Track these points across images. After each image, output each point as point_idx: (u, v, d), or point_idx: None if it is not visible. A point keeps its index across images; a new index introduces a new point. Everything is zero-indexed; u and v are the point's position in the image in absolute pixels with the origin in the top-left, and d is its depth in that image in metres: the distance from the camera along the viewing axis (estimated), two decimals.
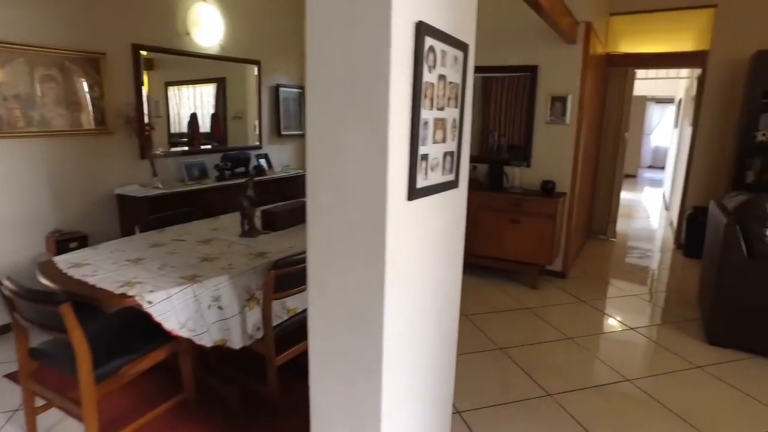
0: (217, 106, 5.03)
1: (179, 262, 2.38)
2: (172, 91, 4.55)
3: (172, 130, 4.54)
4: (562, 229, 4.45)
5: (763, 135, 4.98)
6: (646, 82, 11.07)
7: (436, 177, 1.50)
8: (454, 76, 1.52)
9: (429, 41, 1.33)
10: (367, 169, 1.28)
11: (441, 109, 1.47)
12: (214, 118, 5.04)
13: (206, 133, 4.99)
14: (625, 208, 8.47)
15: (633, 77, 5.81)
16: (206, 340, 2.18)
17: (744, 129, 4.96)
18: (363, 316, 1.39)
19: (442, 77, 1.44)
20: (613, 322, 3.69)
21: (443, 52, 1.43)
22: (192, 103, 4.87)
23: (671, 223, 7.02)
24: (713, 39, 5.33)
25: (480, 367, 2.95)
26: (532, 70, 4.43)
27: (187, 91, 4.78)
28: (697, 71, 5.85)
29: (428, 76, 1.36)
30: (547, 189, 4.27)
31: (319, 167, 1.38)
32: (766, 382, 2.85)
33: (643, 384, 2.81)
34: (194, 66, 4.64)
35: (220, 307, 2.24)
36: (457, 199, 1.76)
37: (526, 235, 4.18)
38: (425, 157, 1.41)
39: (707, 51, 5.39)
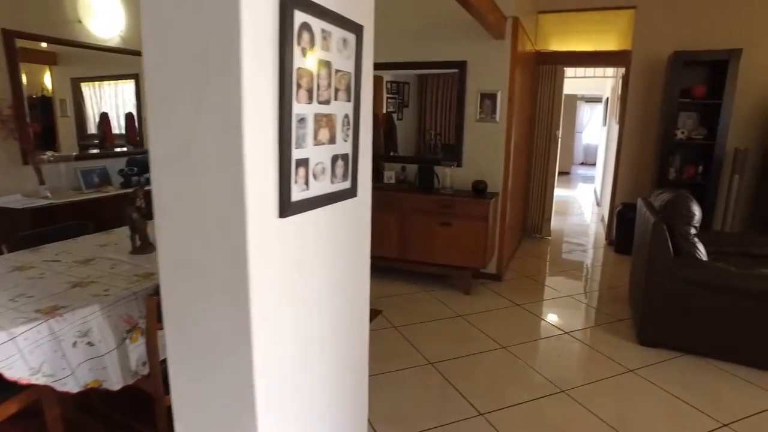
0: (138, 105, 4.57)
1: (41, 291, 1.99)
2: (87, 89, 4.08)
3: (89, 131, 4.10)
4: (495, 231, 4.32)
5: (682, 133, 5.07)
6: (576, 81, 11.35)
7: (322, 186, 1.23)
8: (343, 63, 1.26)
9: (301, 17, 1.05)
10: (221, 181, 0.99)
11: (325, 102, 1.20)
12: (129, 118, 4.56)
13: (120, 135, 4.52)
14: (559, 205, 8.57)
15: (562, 75, 5.80)
16: (71, 385, 1.81)
17: (665, 127, 5.03)
18: (228, 355, 1.11)
19: (325, 64, 1.18)
20: (547, 327, 3.56)
21: (325, 33, 1.16)
22: (113, 102, 4.40)
23: (602, 219, 7.13)
24: (634, 39, 5.39)
25: (408, 387, 2.72)
26: (460, 66, 4.27)
27: (107, 88, 4.31)
28: (622, 70, 5.93)
29: (302, 62, 1.08)
30: (479, 189, 4.12)
31: (164, 177, 1.07)
32: (695, 383, 2.78)
33: (578, 394, 2.67)
34: (107, 61, 4.17)
35: (90, 343, 1.87)
36: (357, 209, 1.50)
37: (458, 239, 4.01)
38: (304, 162, 1.14)
39: (630, 51, 5.46)
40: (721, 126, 4.84)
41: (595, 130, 14.57)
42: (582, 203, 9.13)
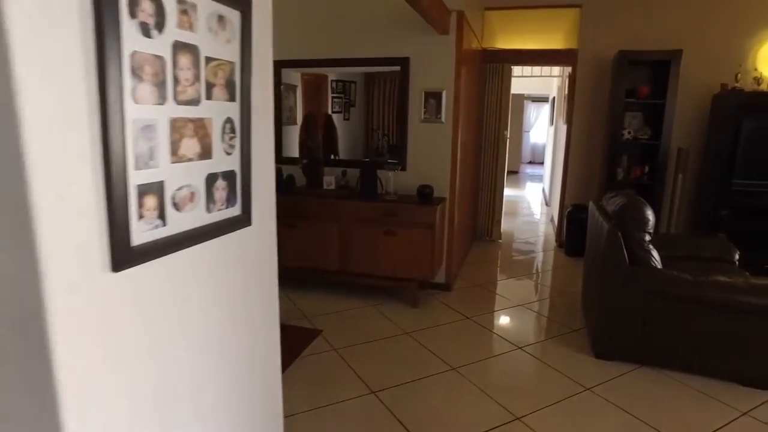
0: None
1: None
2: None
3: None
4: (443, 238, 4.07)
5: (629, 133, 5.01)
6: (523, 81, 11.38)
7: (189, 218, 0.89)
8: (219, 49, 0.93)
9: None
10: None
11: (191, 102, 0.87)
12: None
13: None
14: (509, 205, 8.49)
15: (510, 74, 5.64)
16: None
17: (612, 127, 4.95)
18: None
19: (187, 48, 0.84)
20: (499, 342, 3.33)
21: (185, 4, 0.83)
22: None
23: (552, 219, 7.06)
24: (580, 38, 5.30)
25: (346, 426, 2.40)
26: (403, 63, 3.99)
27: None
28: (569, 70, 5.85)
29: (143, 43, 0.75)
30: (425, 195, 3.85)
31: None
32: (656, 400, 2.61)
33: (533, 421, 2.43)
34: None
35: None
36: (253, 240, 1.16)
37: (404, 249, 3.73)
38: (153, 188, 0.80)
39: (576, 50, 5.36)
40: (665, 126, 4.80)
41: (542, 130, 14.75)
42: (531, 203, 9.11)
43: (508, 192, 10.03)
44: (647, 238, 2.84)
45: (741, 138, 4.62)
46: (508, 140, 5.82)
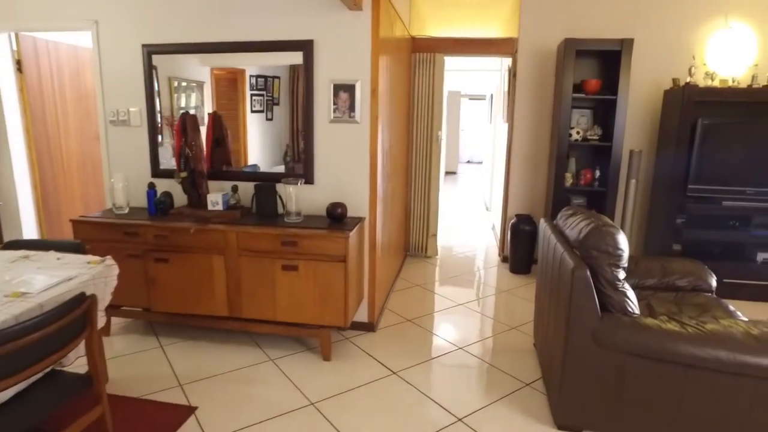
0: None
1: None
2: None
3: None
4: (361, 270, 3.24)
5: (578, 133, 4.39)
6: (460, 79, 10.79)
7: None
8: None
9: None
10: None
11: None
12: None
13: None
14: (447, 211, 7.83)
15: (442, 65, 4.90)
16: None
17: (559, 126, 4.31)
18: None
19: None
20: (434, 413, 2.54)
21: None
22: None
23: (494, 228, 6.43)
24: (521, 25, 4.64)
25: None
26: (305, 48, 3.12)
27: None
28: (508, 63, 5.18)
29: None
30: (336, 216, 3.01)
31: None
32: None
33: None
34: None
35: None
36: None
37: (308, 288, 2.86)
38: None
39: (516, 39, 4.70)
40: (617, 125, 4.21)
41: (480, 128, 14.30)
42: (471, 207, 8.48)
43: (446, 195, 9.42)
44: (622, 275, 2.13)
45: (696, 139, 4.10)
46: (442, 141, 5.07)
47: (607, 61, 4.31)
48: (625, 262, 2.13)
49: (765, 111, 4.21)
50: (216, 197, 3.13)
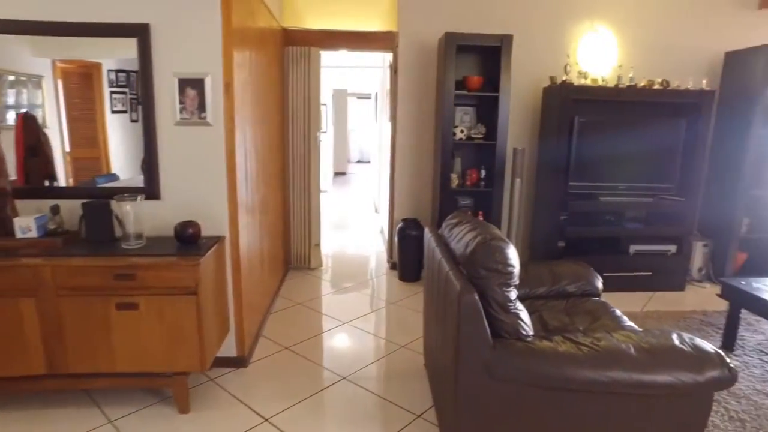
0: None
1: None
2: None
3: None
4: (224, 297, 2.75)
5: (462, 132, 4.23)
6: (346, 77, 10.47)
7: None
8: None
9: None
10: None
11: None
12: None
13: None
14: (335, 214, 7.46)
15: (318, 60, 4.50)
16: None
17: (442, 125, 4.12)
18: None
19: None
20: None
21: None
22: None
23: (382, 232, 6.17)
24: (400, 18, 4.38)
25: None
26: (140, 34, 2.54)
27: None
28: (391, 59, 4.92)
29: None
30: (187, 237, 2.49)
31: None
32: None
33: None
34: None
35: None
36: None
37: (152, 329, 2.31)
38: None
39: (396, 32, 4.44)
40: (500, 123, 4.11)
41: (369, 127, 14.15)
42: (361, 210, 8.19)
43: (335, 198, 9.06)
44: (513, 294, 1.88)
45: (574, 136, 4.12)
46: (321, 143, 4.67)
47: (489, 57, 4.19)
48: (516, 279, 1.89)
49: (630, 109, 4.35)
50: (26, 221, 2.45)
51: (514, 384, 1.81)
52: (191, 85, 2.57)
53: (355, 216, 7.70)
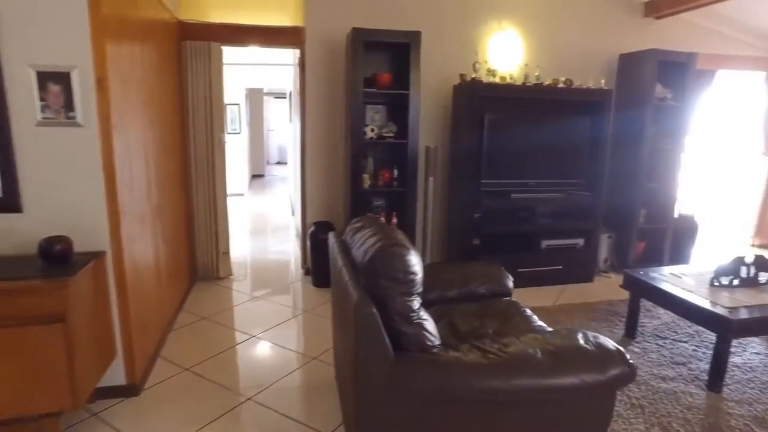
0: None
1: None
2: None
3: None
4: (107, 320, 2.44)
5: (372, 131, 4.12)
6: (261, 75, 10.06)
7: None
8: None
9: None
10: None
11: None
12: None
13: None
14: (251, 218, 7.13)
15: (220, 57, 4.21)
16: None
17: (353, 124, 3.98)
18: None
19: None
20: None
21: None
22: None
23: (297, 234, 5.94)
24: (306, 12, 4.19)
25: None
26: None
27: None
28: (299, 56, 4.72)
29: None
30: (54, 255, 2.16)
31: None
32: None
33: None
34: None
35: None
36: None
37: (4, 367, 1.98)
38: None
39: (303, 28, 4.24)
40: (411, 121, 4.04)
41: (286, 127, 13.78)
42: (278, 213, 7.90)
43: (251, 201, 8.68)
44: (416, 304, 1.77)
45: (485, 133, 4.14)
46: (225, 144, 4.38)
47: (399, 54, 4.11)
48: (419, 287, 1.78)
49: (538, 107, 4.45)
50: None
51: (419, 398, 1.71)
52: (54, 80, 2.24)
53: (273, 220, 7.40)
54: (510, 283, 2.71)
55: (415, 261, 1.77)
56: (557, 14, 4.66)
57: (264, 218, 7.53)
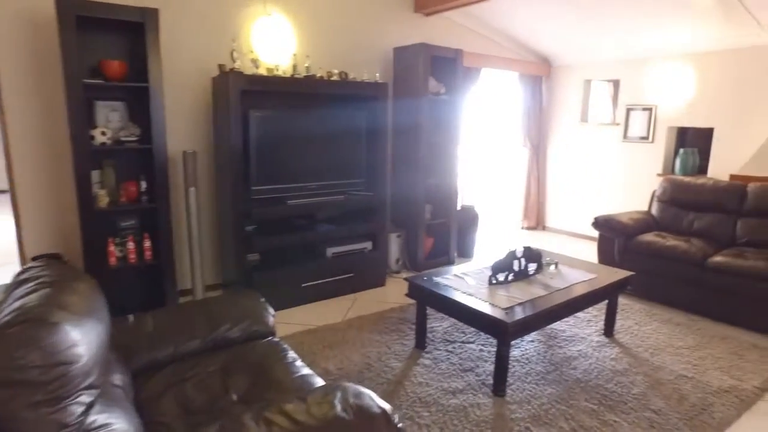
0: None
1: None
2: None
3: None
4: None
5: (104, 134, 3.23)
6: None
7: None
8: None
9: None
10: None
11: None
12: None
13: None
14: None
15: None
16: None
17: (75, 126, 3.05)
18: None
19: None
20: None
21: None
22: None
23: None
24: None
25: None
26: None
27: None
28: None
29: None
30: None
31: None
32: None
33: None
34: None
35: None
36: None
37: None
38: None
39: None
40: (156, 120, 3.27)
41: None
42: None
43: None
44: (77, 408, 1.11)
45: (251, 133, 3.58)
46: None
47: (137, 38, 3.26)
48: (83, 378, 1.13)
49: (312, 102, 4.05)
50: None
51: None
52: None
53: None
54: (271, 319, 2.19)
55: (74, 338, 1.12)
56: (328, 2, 4.31)
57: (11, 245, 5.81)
